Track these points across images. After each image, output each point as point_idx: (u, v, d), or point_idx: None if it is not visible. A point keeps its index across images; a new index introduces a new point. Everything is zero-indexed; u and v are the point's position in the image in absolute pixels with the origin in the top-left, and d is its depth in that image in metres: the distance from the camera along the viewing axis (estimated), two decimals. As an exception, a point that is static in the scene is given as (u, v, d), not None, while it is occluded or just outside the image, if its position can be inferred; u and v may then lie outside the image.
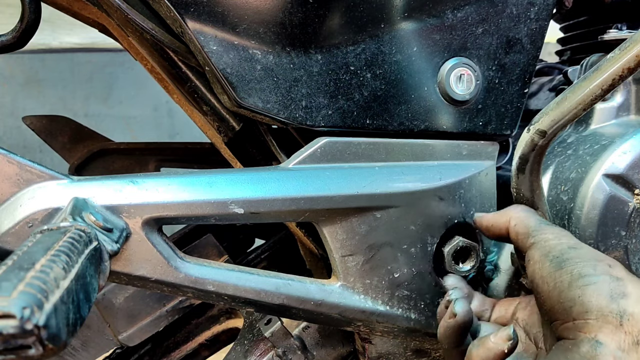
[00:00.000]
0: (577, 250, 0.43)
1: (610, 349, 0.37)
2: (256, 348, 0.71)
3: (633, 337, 0.37)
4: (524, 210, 0.51)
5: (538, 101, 0.78)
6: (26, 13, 0.56)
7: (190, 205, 0.46)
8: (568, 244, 0.44)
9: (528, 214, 0.50)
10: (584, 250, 0.43)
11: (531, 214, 0.50)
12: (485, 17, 0.57)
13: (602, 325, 0.38)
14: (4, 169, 0.42)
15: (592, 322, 0.38)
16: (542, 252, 0.45)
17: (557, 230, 0.47)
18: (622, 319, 0.37)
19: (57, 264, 0.31)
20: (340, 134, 0.54)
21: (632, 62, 0.44)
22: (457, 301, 0.47)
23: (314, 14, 0.51)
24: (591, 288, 0.39)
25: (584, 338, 0.38)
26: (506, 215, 0.52)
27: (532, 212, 0.51)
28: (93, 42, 1.83)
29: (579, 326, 0.39)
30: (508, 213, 0.52)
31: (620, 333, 0.37)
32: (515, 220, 0.50)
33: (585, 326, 0.39)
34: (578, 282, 0.40)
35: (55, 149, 0.95)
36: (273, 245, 0.85)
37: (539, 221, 0.49)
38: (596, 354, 0.37)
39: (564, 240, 0.45)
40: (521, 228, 0.49)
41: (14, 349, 0.27)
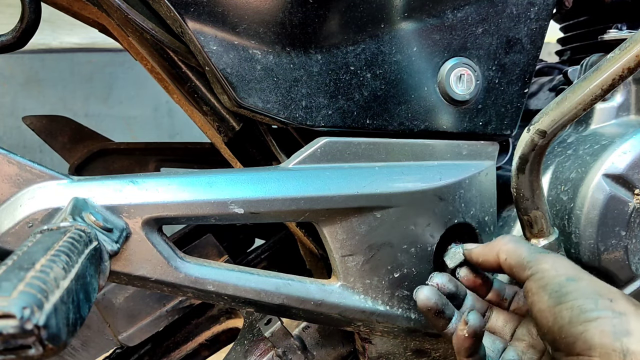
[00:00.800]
0: (576, 282, 0.42)
1: None
2: (256, 348, 0.71)
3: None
4: (512, 241, 0.49)
5: (538, 101, 0.78)
6: (26, 13, 0.56)
7: (190, 205, 0.46)
8: (566, 276, 0.43)
9: (517, 245, 0.48)
10: (584, 283, 0.42)
11: (521, 244, 0.49)
12: (485, 17, 0.57)
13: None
14: (4, 169, 0.42)
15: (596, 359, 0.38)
16: (539, 285, 0.44)
17: (552, 259, 0.45)
18: (625, 357, 0.37)
19: (57, 264, 0.31)
20: (340, 134, 0.54)
21: (632, 62, 0.44)
22: (470, 312, 0.46)
23: (314, 14, 0.51)
24: (593, 325, 0.39)
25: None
26: (494, 249, 0.50)
27: (521, 242, 0.49)
28: (93, 42, 1.83)
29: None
30: (496, 247, 0.50)
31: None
32: (505, 254, 0.49)
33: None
34: (579, 318, 0.40)
35: (55, 149, 0.95)
36: (273, 245, 0.85)
37: (531, 250, 0.47)
38: None
39: (562, 271, 0.44)
40: (514, 261, 0.48)
41: (14, 349, 0.27)
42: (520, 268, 0.47)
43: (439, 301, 0.51)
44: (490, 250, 0.51)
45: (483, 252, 0.52)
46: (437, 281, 0.53)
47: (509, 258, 0.48)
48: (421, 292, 0.51)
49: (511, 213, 0.68)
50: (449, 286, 0.53)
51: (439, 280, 0.53)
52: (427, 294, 0.50)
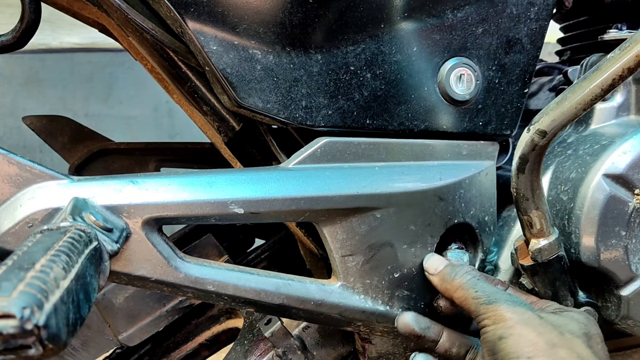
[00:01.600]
0: (505, 341, 0.45)
1: None
2: (256, 348, 0.71)
3: None
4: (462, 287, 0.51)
5: (538, 101, 0.78)
6: (26, 13, 0.56)
7: (190, 205, 0.46)
8: (499, 334, 0.45)
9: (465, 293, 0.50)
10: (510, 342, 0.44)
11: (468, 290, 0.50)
12: (485, 17, 0.57)
13: None
14: (4, 169, 0.42)
15: None
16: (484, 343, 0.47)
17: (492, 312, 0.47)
18: None
19: (57, 264, 0.31)
20: (340, 134, 0.54)
21: (632, 62, 0.44)
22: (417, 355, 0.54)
23: (314, 14, 0.51)
24: None
25: None
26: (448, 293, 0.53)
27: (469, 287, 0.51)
28: (93, 42, 1.83)
29: None
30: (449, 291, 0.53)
31: None
32: (458, 302, 0.52)
33: None
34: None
35: (55, 149, 0.94)
36: (273, 245, 0.85)
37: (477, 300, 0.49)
38: None
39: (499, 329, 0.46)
40: (466, 310, 0.50)
41: (14, 349, 0.27)
42: (475, 319, 0.49)
43: (417, 326, 0.55)
44: (445, 291, 0.54)
45: (440, 288, 0.54)
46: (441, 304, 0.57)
47: (462, 305, 0.51)
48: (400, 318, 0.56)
49: (511, 213, 0.67)
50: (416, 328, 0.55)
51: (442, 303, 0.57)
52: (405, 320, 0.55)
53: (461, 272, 0.52)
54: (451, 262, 0.56)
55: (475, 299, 0.49)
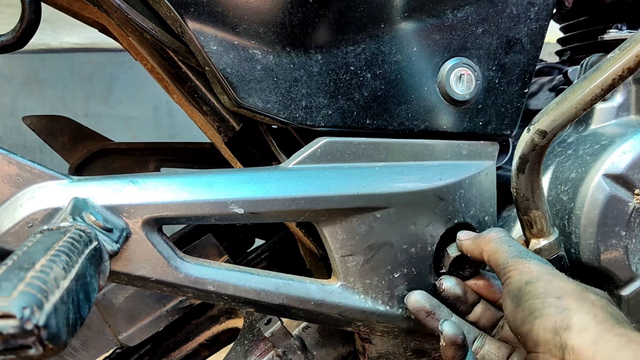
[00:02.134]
0: (533, 284, 0.43)
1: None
2: (256, 348, 0.71)
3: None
4: (494, 240, 0.50)
5: (538, 101, 0.78)
6: (26, 13, 0.56)
7: (190, 205, 0.46)
8: (526, 279, 0.44)
9: (498, 247, 0.49)
10: (538, 284, 0.43)
11: (501, 244, 0.49)
12: (485, 17, 0.57)
13: (549, 358, 0.39)
14: (4, 169, 0.42)
15: (540, 356, 0.40)
16: (506, 290, 0.46)
17: (522, 264, 0.46)
18: (564, 352, 0.38)
19: (57, 264, 0.31)
20: (340, 134, 0.54)
21: (632, 62, 0.44)
22: (444, 322, 0.49)
23: (314, 14, 0.51)
24: (537, 322, 0.40)
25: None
26: (479, 246, 0.52)
27: (502, 242, 0.50)
28: (93, 42, 1.83)
29: (531, 358, 0.41)
30: (480, 244, 0.52)
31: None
32: (487, 255, 0.50)
33: (536, 358, 0.40)
34: (529, 318, 0.41)
35: (55, 149, 0.95)
36: (273, 245, 0.85)
37: (508, 254, 0.48)
38: None
39: (525, 276, 0.45)
40: (493, 263, 0.49)
41: (14, 349, 0.27)
42: (498, 273, 0.48)
43: (428, 303, 0.53)
44: (476, 247, 0.52)
45: (471, 248, 0.53)
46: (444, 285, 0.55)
47: (490, 259, 0.50)
48: (411, 296, 0.54)
49: (511, 213, 0.67)
50: (455, 290, 0.54)
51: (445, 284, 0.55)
52: (416, 297, 0.54)
53: (495, 229, 0.52)
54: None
55: (506, 252, 0.48)
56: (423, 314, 0.53)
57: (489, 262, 0.50)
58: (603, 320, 0.38)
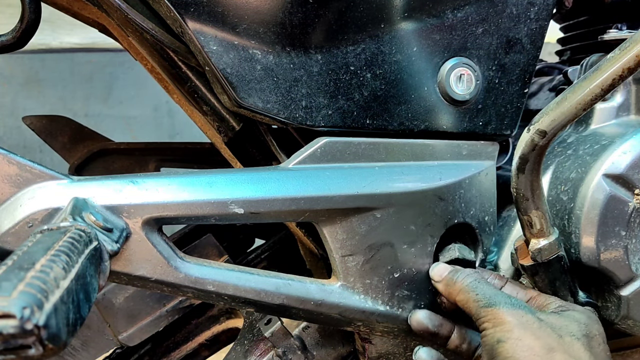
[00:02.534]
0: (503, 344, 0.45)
1: None
2: (256, 348, 0.71)
3: None
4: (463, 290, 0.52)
5: (538, 101, 0.78)
6: (26, 13, 0.56)
7: (190, 205, 0.46)
8: (498, 337, 0.46)
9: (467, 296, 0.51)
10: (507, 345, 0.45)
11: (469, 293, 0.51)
12: (485, 17, 0.57)
13: None
14: (4, 169, 0.42)
15: None
16: (482, 345, 0.48)
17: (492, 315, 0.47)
18: None
19: (57, 264, 0.31)
20: (340, 134, 0.54)
21: (632, 62, 0.44)
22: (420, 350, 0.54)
23: (314, 14, 0.51)
24: None
25: None
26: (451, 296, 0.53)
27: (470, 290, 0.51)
28: (93, 42, 1.83)
29: None
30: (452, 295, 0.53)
31: None
32: (460, 304, 0.52)
33: None
34: None
35: (55, 149, 0.94)
36: (273, 245, 0.85)
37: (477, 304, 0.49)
38: None
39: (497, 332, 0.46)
40: (468, 314, 0.51)
41: (14, 349, 0.27)
42: (475, 322, 0.50)
43: (430, 323, 0.55)
44: (449, 295, 0.54)
45: (446, 294, 0.55)
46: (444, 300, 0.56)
47: (465, 309, 0.51)
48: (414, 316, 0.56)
49: (511, 213, 0.67)
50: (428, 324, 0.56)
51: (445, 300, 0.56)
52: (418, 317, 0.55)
53: (462, 275, 0.53)
54: (455, 268, 0.56)
55: (475, 302, 0.49)
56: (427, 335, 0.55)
57: (466, 312, 0.51)
58: None
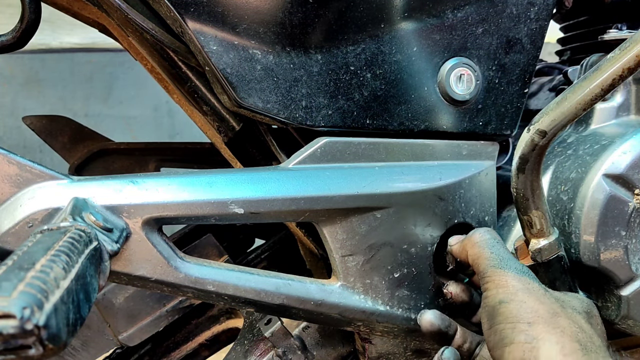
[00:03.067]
0: (506, 305, 0.43)
1: None
2: (256, 348, 0.71)
3: None
4: (478, 244, 0.50)
5: (538, 101, 0.78)
6: (26, 13, 0.56)
7: (190, 205, 0.46)
8: (500, 298, 0.44)
9: (480, 251, 0.50)
10: (511, 306, 0.43)
11: (483, 249, 0.50)
12: (485, 17, 0.57)
13: None
14: (4, 169, 0.42)
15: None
16: (484, 305, 0.46)
17: (498, 277, 0.46)
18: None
19: (57, 264, 0.31)
20: (340, 134, 0.54)
21: (632, 62, 0.44)
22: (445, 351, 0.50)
23: (314, 14, 0.51)
24: (507, 350, 0.41)
25: None
26: (464, 250, 0.52)
27: (484, 246, 0.50)
28: (93, 42, 1.83)
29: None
30: (466, 247, 0.52)
31: None
32: (471, 259, 0.51)
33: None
34: (499, 344, 0.42)
35: (55, 149, 0.94)
36: (273, 245, 0.85)
37: (488, 261, 0.48)
38: None
39: (500, 293, 0.45)
40: (476, 270, 0.50)
41: (14, 349, 0.27)
42: (479, 281, 0.49)
43: (442, 324, 0.53)
44: (462, 250, 0.53)
45: (458, 251, 0.54)
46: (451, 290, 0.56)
47: (473, 264, 0.50)
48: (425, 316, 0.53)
49: (511, 213, 0.67)
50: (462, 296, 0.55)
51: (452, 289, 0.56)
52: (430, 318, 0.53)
53: (481, 231, 0.52)
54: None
55: (487, 259, 0.48)
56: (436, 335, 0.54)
57: (473, 267, 0.50)
58: (571, 351, 0.39)
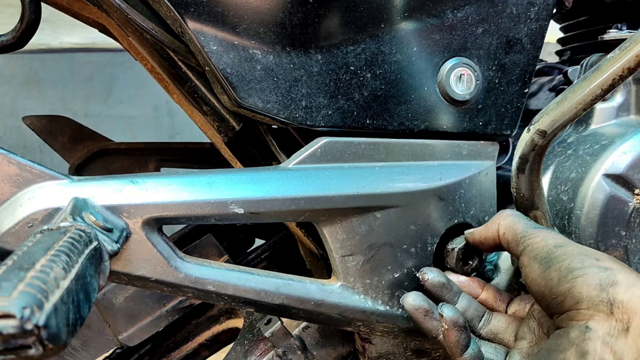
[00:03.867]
0: (564, 247, 0.44)
1: (599, 334, 0.38)
2: (256, 348, 0.71)
3: (623, 324, 0.38)
4: (511, 215, 0.51)
5: (538, 101, 0.78)
6: (26, 13, 0.56)
7: (190, 205, 0.46)
8: (554, 243, 0.45)
9: (515, 220, 0.50)
10: (570, 247, 0.44)
11: (518, 218, 0.50)
12: (485, 17, 0.57)
13: (594, 314, 0.39)
14: (4, 169, 0.42)
15: (583, 312, 0.40)
16: (530, 256, 0.46)
17: (544, 233, 0.47)
18: (612, 307, 0.39)
19: (57, 264, 0.31)
20: (340, 134, 0.54)
21: (632, 62, 0.44)
22: (443, 306, 0.49)
23: (314, 14, 0.51)
24: (580, 280, 0.41)
25: (575, 325, 0.40)
26: (494, 224, 0.51)
27: (519, 217, 0.50)
28: (93, 42, 1.83)
29: (571, 315, 0.41)
30: (496, 221, 0.51)
31: (611, 320, 0.38)
32: (503, 228, 0.50)
33: (577, 315, 0.40)
34: (567, 277, 0.41)
35: (55, 149, 0.95)
36: (273, 245, 0.85)
37: (526, 225, 0.48)
38: (585, 338, 0.38)
39: (550, 240, 0.45)
40: (510, 235, 0.49)
41: (14, 349, 0.27)
42: (515, 243, 0.48)
43: (425, 302, 0.52)
44: (490, 227, 0.52)
45: (484, 230, 0.53)
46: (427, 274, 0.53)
47: (506, 233, 0.50)
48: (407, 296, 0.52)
49: (511, 213, 0.67)
50: (439, 279, 0.53)
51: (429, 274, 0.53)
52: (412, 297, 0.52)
53: (508, 209, 0.52)
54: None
55: (524, 224, 0.48)
56: (421, 314, 0.52)
57: (504, 235, 0.50)
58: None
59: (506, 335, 0.52)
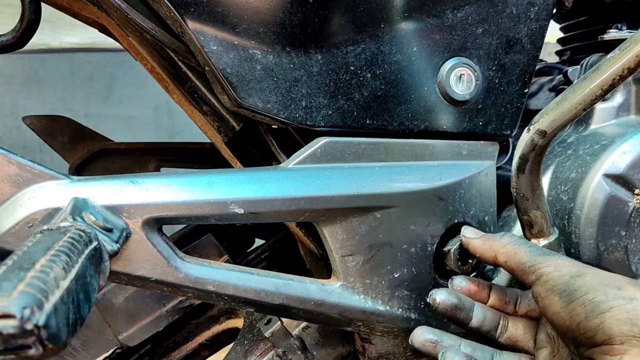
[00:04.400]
0: (582, 278, 0.43)
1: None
2: (256, 348, 0.71)
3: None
4: (511, 243, 0.50)
5: (538, 101, 0.78)
6: (26, 13, 0.56)
7: (190, 205, 0.46)
8: (569, 273, 0.44)
9: (515, 248, 0.49)
10: (588, 277, 0.43)
11: (519, 246, 0.49)
12: (485, 17, 0.57)
13: (628, 349, 0.39)
14: (4, 169, 0.42)
15: (617, 347, 0.40)
16: (546, 288, 0.45)
17: (554, 260, 0.46)
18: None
19: (57, 264, 0.31)
20: (340, 134, 0.54)
21: (632, 62, 0.44)
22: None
23: (314, 14, 0.51)
24: (608, 315, 0.40)
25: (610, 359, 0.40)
26: (492, 249, 0.51)
27: (519, 244, 0.50)
28: (93, 42, 1.83)
29: (604, 350, 0.40)
30: (494, 247, 0.51)
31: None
32: (504, 257, 0.50)
33: (611, 350, 0.40)
34: (594, 312, 0.41)
35: (55, 149, 0.95)
36: (273, 245, 0.85)
37: (531, 252, 0.48)
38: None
39: (564, 270, 0.45)
40: (514, 264, 0.49)
41: (14, 349, 0.27)
42: (522, 272, 0.48)
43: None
44: (489, 249, 0.51)
45: (482, 249, 0.52)
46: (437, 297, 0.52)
47: (508, 262, 0.49)
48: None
49: (511, 213, 0.68)
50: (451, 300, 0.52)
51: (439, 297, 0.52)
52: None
53: (507, 234, 0.52)
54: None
55: (528, 252, 0.48)
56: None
57: (507, 264, 0.49)
58: None
59: (525, 341, 0.52)
